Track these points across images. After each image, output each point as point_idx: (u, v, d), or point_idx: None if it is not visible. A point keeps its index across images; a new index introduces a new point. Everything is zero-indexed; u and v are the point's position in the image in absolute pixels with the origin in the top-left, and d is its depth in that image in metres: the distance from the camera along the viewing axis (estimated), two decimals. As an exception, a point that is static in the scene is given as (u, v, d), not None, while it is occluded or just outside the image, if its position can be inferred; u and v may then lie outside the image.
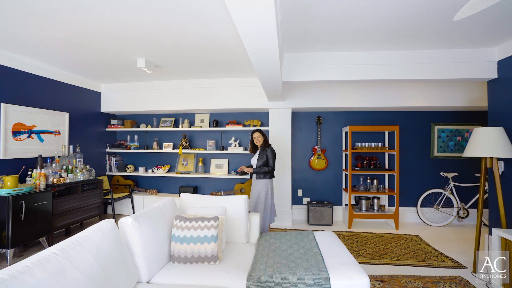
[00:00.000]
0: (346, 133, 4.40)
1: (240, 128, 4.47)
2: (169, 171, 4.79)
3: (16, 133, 3.35)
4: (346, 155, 4.46)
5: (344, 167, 4.49)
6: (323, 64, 3.22)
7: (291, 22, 2.37)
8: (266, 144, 3.31)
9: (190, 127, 4.66)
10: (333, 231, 3.11)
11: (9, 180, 2.91)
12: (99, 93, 4.73)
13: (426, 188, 4.35)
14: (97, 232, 1.50)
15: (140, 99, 4.59)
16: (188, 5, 2.09)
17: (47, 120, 3.76)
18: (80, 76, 4.20)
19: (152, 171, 4.77)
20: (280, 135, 4.26)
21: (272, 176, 3.30)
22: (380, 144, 4.27)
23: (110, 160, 4.84)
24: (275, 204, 4.18)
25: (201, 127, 4.61)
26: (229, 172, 4.66)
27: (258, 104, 4.27)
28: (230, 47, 2.96)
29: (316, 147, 4.53)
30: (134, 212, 4.63)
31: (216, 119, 4.62)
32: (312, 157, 4.55)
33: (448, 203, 4.25)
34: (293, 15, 2.23)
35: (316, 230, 2.76)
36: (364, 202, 4.16)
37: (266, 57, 2.24)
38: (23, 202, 2.86)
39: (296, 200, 4.64)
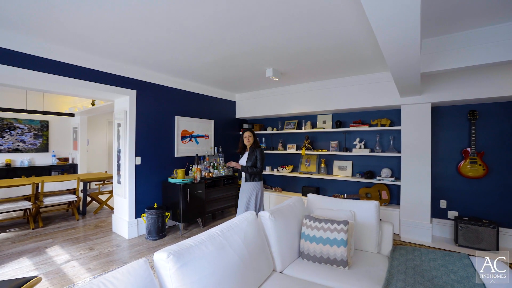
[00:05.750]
0: (521, 130, 3.27)
1: (366, 128, 4.16)
2: (292, 171, 5.07)
3: (182, 137, 4.46)
4: (521, 160, 3.31)
5: (516, 177, 3.36)
6: (481, 43, 2.53)
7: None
8: (255, 145, 3.30)
9: (312, 128, 4.76)
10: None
11: (180, 172, 3.92)
12: (234, 102, 5.59)
13: None
14: (243, 221, 1.80)
15: (267, 105, 5.09)
16: (312, 7, 2.15)
17: (200, 127, 4.81)
18: (220, 89, 5.11)
19: (277, 170, 5.19)
20: (416, 135, 3.67)
21: (260, 178, 3.29)
22: None
23: (243, 159, 5.63)
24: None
25: (323, 128, 4.62)
26: (353, 174, 4.43)
27: (387, 101, 3.84)
28: (354, 43, 2.83)
29: (468, 149, 3.61)
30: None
31: (339, 120, 4.50)
32: (463, 161, 3.65)
33: None
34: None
35: (471, 255, 2.19)
36: (555, 227, 2.96)
37: (403, 47, 1.97)
38: (188, 189, 3.79)
39: (437, 213, 3.87)
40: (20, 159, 6.13)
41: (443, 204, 3.83)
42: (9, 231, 3.92)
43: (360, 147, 4.24)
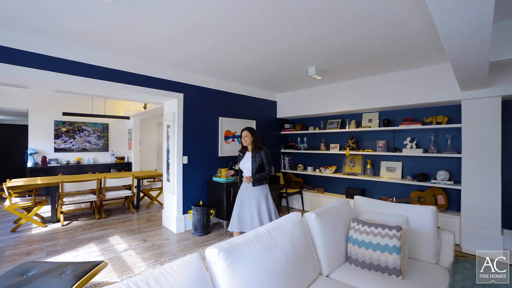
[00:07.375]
0: None
1: (418, 126, 3.82)
2: (335, 171, 4.89)
3: (226, 137, 4.61)
4: None
5: None
6: None
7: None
8: (258, 146, 3.10)
9: (357, 127, 4.54)
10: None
11: (223, 172, 4.05)
12: (275, 102, 5.59)
13: None
14: (289, 222, 1.79)
15: (308, 104, 4.99)
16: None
17: (242, 127, 4.89)
18: (262, 90, 5.15)
19: (320, 170, 5.05)
20: (481, 133, 3.25)
21: (267, 181, 3.16)
22: None
23: (284, 159, 5.60)
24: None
25: (369, 127, 4.36)
26: (403, 176, 4.11)
27: (443, 96, 3.47)
28: (406, 35, 2.61)
29: (550, 149, 3.08)
30: (303, 207, 5.10)
31: (387, 118, 4.21)
32: (543, 164, 3.13)
33: None
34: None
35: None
36: None
37: (469, 34, 1.71)
38: (231, 188, 3.90)
39: (509, 223, 3.38)
40: (87, 158, 6.96)
41: (516, 213, 3.34)
42: (80, 220, 4.48)
43: (411, 147, 3.91)
